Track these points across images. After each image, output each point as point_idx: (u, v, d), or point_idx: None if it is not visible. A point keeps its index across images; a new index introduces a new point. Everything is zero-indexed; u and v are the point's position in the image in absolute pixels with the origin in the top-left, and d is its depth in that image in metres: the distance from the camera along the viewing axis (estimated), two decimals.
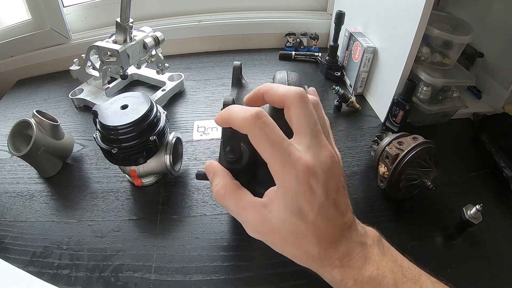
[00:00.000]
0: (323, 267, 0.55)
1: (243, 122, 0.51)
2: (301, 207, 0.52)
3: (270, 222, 0.52)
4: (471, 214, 0.80)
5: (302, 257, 0.55)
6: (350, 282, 0.54)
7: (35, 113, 0.94)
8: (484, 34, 1.26)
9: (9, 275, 0.60)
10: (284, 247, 0.54)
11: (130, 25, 1.10)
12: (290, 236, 0.53)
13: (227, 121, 0.54)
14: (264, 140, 0.50)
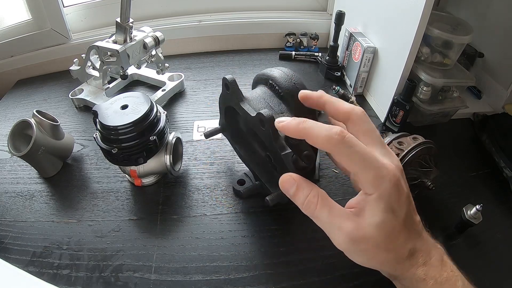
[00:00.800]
0: (409, 267, 0.60)
1: (328, 141, 0.56)
2: (393, 207, 0.58)
3: (364, 229, 0.57)
4: (471, 214, 0.80)
5: (392, 261, 0.60)
6: (431, 282, 0.59)
7: (35, 113, 0.94)
8: (484, 34, 1.26)
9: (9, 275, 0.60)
10: (376, 254, 0.59)
11: (130, 25, 1.10)
12: (384, 240, 0.58)
13: (304, 136, 0.58)
14: (355, 157, 0.56)
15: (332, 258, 0.79)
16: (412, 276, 0.60)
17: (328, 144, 0.56)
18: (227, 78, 0.77)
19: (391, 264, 0.61)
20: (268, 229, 0.86)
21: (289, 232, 0.86)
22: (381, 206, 0.57)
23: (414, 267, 0.60)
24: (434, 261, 0.61)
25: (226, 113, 0.89)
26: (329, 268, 0.78)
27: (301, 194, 0.61)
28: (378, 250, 0.59)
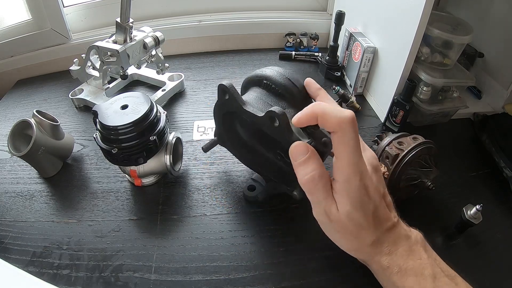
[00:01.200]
0: (374, 255, 0.66)
1: (341, 121, 0.60)
2: (362, 199, 0.63)
3: (336, 215, 0.64)
4: (471, 214, 0.80)
5: (357, 246, 0.67)
6: (395, 269, 0.64)
7: (35, 113, 0.94)
8: (484, 34, 1.26)
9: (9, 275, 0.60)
10: (345, 238, 0.67)
11: (130, 25, 1.10)
12: (352, 227, 0.64)
13: (320, 116, 0.62)
14: (351, 143, 0.61)
15: (332, 258, 0.79)
16: (377, 264, 0.66)
17: (339, 124, 0.60)
18: (225, 84, 0.77)
19: (356, 248, 0.68)
20: (268, 229, 0.86)
21: (289, 232, 0.86)
22: (349, 198, 0.63)
23: (378, 255, 0.66)
24: (401, 251, 0.66)
25: (223, 121, 0.88)
26: (329, 268, 0.78)
27: (309, 166, 0.64)
28: (345, 233, 0.66)
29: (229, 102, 0.78)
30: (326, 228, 0.69)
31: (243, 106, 0.75)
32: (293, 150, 0.65)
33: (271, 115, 0.68)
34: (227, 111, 0.83)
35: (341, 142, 0.61)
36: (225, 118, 0.87)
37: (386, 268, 0.64)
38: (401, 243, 0.66)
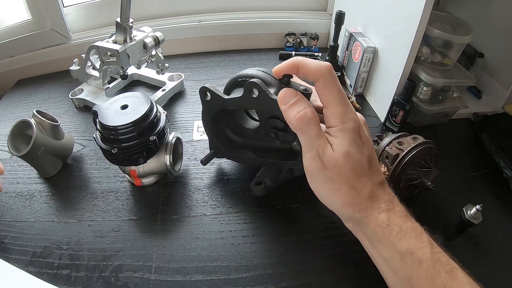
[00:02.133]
0: (372, 210, 0.65)
1: (319, 69, 0.64)
2: (357, 142, 0.65)
3: (333, 155, 0.63)
4: (471, 214, 0.80)
5: (353, 198, 0.65)
6: (395, 229, 0.63)
7: (35, 113, 0.94)
8: (484, 34, 1.26)
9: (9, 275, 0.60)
10: (339, 186, 0.65)
11: (130, 25, 1.10)
12: (349, 171, 0.64)
13: (299, 67, 0.66)
14: (336, 87, 0.65)
15: (331, 258, 0.79)
16: (375, 221, 0.64)
17: (318, 72, 0.64)
18: (205, 85, 0.81)
19: (352, 201, 0.66)
20: (268, 228, 0.86)
21: (288, 232, 0.86)
22: (347, 138, 0.64)
23: (377, 211, 0.65)
24: (398, 210, 0.66)
25: (214, 129, 0.90)
26: (329, 268, 0.78)
27: (300, 105, 0.66)
28: (342, 182, 0.64)
29: (212, 101, 0.82)
30: (318, 179, 0.67)
31: (224, 97, 0.78)
32: (282, 96, 0.67)
33: (249, 87, 0.71)
34: (214, 114, 0.85)
35: (327, 87, 0.65)
36: (214, 124, 0.89)
37: (385, 226, 0.63)
38: (396, 203, 0.67)
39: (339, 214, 0.70)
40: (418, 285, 0.59)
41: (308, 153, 0.66)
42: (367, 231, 0.66)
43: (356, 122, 0.67)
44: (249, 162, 0.92)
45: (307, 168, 0.67)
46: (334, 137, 0.65)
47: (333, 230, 0.85)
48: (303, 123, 0.65)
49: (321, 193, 0.69)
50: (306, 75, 0.66)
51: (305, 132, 0.65)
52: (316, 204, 0.71)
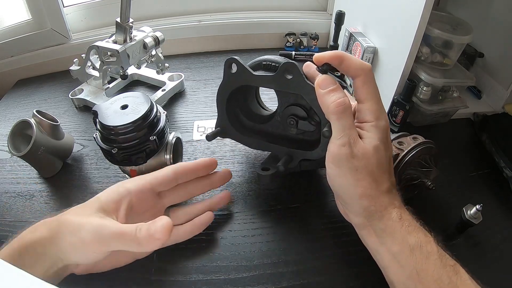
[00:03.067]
0: (387, 205, 0.67)
1: (362, 66, 0.69)
2: (385, 141, 0.69)
3: (364, 147, 0.66)
4: (471, 214, 0.80)
5: (374, 190, 0.67)
6: (406, 223, 0.65)
7: (35, 113, 0.95)
8: (484, 34, 1.26)
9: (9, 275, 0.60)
10: (364, 176, 0.66)
11: (130, 25, 1.10)
12: (375, 165, 0.67)
13: (343, 59, 0.68)
14: (374, 85, 0.71)
15: (332, 258, 0.79)
16: (389, 215, 0.66)
17: (361, 69, 0.68)
18: (234, 58, 0.80)
19: (372, 193, 0.67)
20: (268, 228, 0.86)
21: (289, 232, 0.86)
22: (378, 135, 0.68)
23: (391, 206, 0.67)
24: (408, 209, 0.69)
25: (227, 107, 0.89)
26: (329, 268, 0.78)
27: (339, 93, 0.68)
28: (366, 173, 0.66)
29: (238, 74, 0.81)
30: (343, 167, 0.67)
31: (252, 72, 0.78)
32: (321, 80, 0.69)
33: (286, 67, 0.72)
34: (234, 89, 0.84)
35: (367, 83, 0.69)
36: (229, 101, 0.88)
37: (398, 220, 0.65)
38: (403, 204, 0.70)
39: (353, 206, 0.70)
40: (425, 279, 0.60)
41: (339, 140, 0.67)
42: (379, 225, 0.67)
43: (387, 122, 0.71)
44: (259, 146, 0.92)
45: (334, 154, 0.68)
46: (367, 131, 0.68)
47: (333, 230, 0.85)
48: (340, 110, 0.66)
49: (341, 182, 0.70)
50: (348, 69, 0.69)
51: (341, 118, 0.67)
52: (316, 204, 0.71)
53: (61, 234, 0.65)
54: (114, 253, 0.68)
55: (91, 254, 0.66)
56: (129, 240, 0.63)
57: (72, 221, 0.67)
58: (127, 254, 0.74)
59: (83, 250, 0.65)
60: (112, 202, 0.71)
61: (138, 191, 0.75)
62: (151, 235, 0.62)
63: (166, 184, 0.80)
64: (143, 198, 0.76)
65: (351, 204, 0.71)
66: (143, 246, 0.62)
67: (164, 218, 0.64)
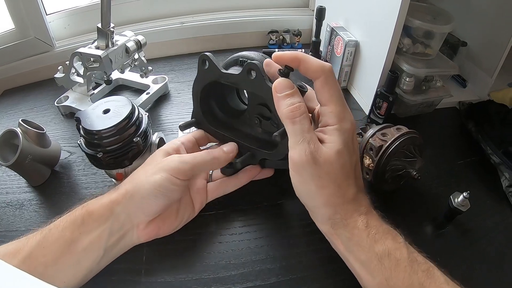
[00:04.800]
0: (352, 212, 0.66)
1: (322, 67, 0.66)
2: (349, 145, 0.67)
3: (326, 153, 0.64)
4: (459, 202, 0.80)
5: (338, 198, 0.66)
6: (373, 231, 0.64)
7: (20, 122, 0.95)
8: (466, 22, 1.27)
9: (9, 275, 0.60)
10: (327, 183, 0.65)
11: (111, 30, 1.10)
12: (339, 170, 0.65)
13: (301, 61, 0.67)
14: (336, 86, 0.67)
15: (319, 252, 0.79)
16: (354, 223, 0.65)
17: (320, 70, 0.66)
18: (206, 54, 0.80)
19: (336, 201, 0.66)
20: (255, 226, 0.87)
21: (275, 228, 0.87)
22: (341, 138, 0.66)
23: (357, 213, 0.66)
24: (375, 214, 0.68)
25: (201, 99, 0.91)
26: (316, 263, 0.78)
27: (295, 98, 0.66)
28: (329, 180, 0.65)
29: (209, 70, 0.81)
30: (305, 174, 0.65)
31: (222, 70, 0.78)
32: (278, 84, 0.67)
33: (249, 67, 0.71)
34: (206, 83, 0.85)
35: (327, 85, 0.66)
36: (203, 95, 0.90)
37: (363, 228, 0.64)
38: (371, 207, 0.69)
39: (318, 214, 0.71)
40: (396, 286, 0.60)
41: (298, 145, 0.65)
42: (344, 233, 0.66)
43: (353, 125, 0.69)
44: (225, 140, 0.90)
45: (295, 160, 0.65)
46: (329, 135, 0.66)
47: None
48: (296, 114, 0.65)
49: (304, 189, 0.68)
50: (307, 71, 0.67)
51: (296, 122, 0.65)
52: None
53: (135, 189, 0.72)
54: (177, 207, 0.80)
55: (173, 191, 0.73)
56: (206, 156, 0.77)
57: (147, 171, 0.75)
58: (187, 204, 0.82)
59: (168, 186, 0.71)
60: (174, 149, 0.81)
61: (187, 141, 0.86)
62: (225, 151, 0.80)
63: (204, 137, 0.92)
64: (192, 148, 0.86)
65: (316, 212, 0.71)
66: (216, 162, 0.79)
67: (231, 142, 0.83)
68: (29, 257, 0.64)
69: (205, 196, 0.85)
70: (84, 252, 0.67)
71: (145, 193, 0.70)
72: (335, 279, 0.75)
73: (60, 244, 0.66)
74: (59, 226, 0.68)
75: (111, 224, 0.69)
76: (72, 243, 0.66)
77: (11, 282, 0.42)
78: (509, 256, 0.82)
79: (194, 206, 0.83)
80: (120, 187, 0.74)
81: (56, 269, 0.65)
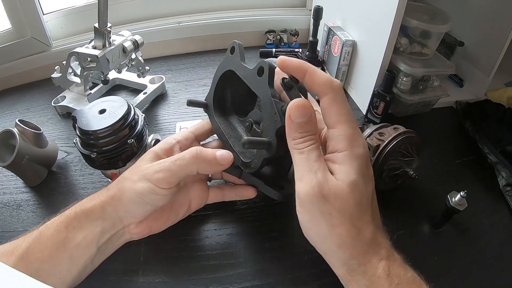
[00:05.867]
0: (372, 254, 0.57)
1: (330, 82, 0.59)
2: (364, 174, 0.58)
3: (336, 185, 0.56)
4: (456, 201, 0.80)
5: (355, 237, 0.57)
6: (395, 280, 0.55)
7: (17, 123, 0.95)
8: (463, 22, 1.27)
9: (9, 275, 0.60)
10: (339, 222, 0.56)
11: (108, 30, 1.11)
12: (353, 207, 0.56)
13: (307, 72, 0.60)
14: (346, 105, 0.59)
15: (317, 252, 0.79)
16: (374, 270, 0.56)
17: (328, 85, 0.59)
18: (236, 42, 0.77)
19: (351, 243, 0.57)
20: (253, 225, 0.87)
21: (273, 228, 0.86)
22: (354, 166, 0.57)
23: (376, 258, 0.57)
24: (397, 258, 0.59)
25: (220, 82, 0.85)
26: (314, 262, 0.77)
27: (308, 127, 0.59)
28: (342, 218, 0.56)
29: (232, 59, 0.78)
30: (313, 210, 0.57)
31: (241, 62, 0.75)
32: (295, 107, 0.58)
33: (261, 65, 0.67)
34: (227, 70, 0.81)
35: (336, 104, 0.59)
36: (222, 81, 0.85)
37: (385, 277, 0.55)
38: (393, 250, 0.60)
39: (332, 257, 0.62)
40: None
41: (304, 176, 0.57)
42: (363, 281, 0.57)
43: (366, 149, 0.61)
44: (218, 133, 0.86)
45: (301, 194, 0.58)
46: (340, 164, 0.58)
47: None
48: (303, 146, 0.59)
49: (314, 230, 0.60)
50: (312, 85, 0.60)
51: (305, 152, 0.59)
52: None
53: (121, 193, 0.69)
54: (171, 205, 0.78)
55: (157, 199, 0.70)
56: (189, 157, 0.69)
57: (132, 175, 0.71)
58: (183, 203, 0.80)
59: (150, 196, 0.68)
60: (165, 150, 0.77)
61: (184, 139, 0.81)
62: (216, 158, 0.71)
63: (204, 132, 0.86)
64: (189, 145, 0.80)
65: (329, 255, 0.62)
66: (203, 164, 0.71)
67: (228, 151, 0.73)
68: (26, 253, 0.64)
69: (205, 196, 0.83)
70: (77, 248, 0.67)
71: (129, 200, 0.68)
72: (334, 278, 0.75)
73: (55, 240, 0.66)
74: (55, 222, 0.68)
75: (103, 222, 0.69)
76: (66, 239, 0.66)
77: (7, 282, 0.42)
78: (506, 255, 0.82)
79: (191, 205, 0.81)
80: (110, 188, 0.72)
81: (52, 265, 0.64)
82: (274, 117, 0.63)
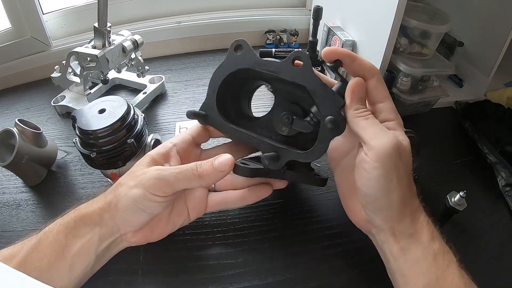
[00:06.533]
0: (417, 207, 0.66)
1: (374, 67, 0.69)
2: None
3: (403, 141, 0.64)
4: (455, 201, 0.81)
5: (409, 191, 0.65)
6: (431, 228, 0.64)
7: (17, 122, 0.95)
8: (463, 22, 1.27)
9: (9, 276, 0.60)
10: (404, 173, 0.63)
11: (108, 30, 1.11)
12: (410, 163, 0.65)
13: (356, 59, 0.68)
14: (385, 88, 0.70)
15: (317, 251, 0.79)
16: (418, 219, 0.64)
17: (374, 69, 0.68)
18: (242, 39, 0.77)
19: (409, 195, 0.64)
20: (252, 226, 0.87)
21: (273, 228, 0.86)
22: (403, 132, 0.66)
23: (420, 209, 0.66)
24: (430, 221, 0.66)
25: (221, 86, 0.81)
26: (314, 262, 0.78)
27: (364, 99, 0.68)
28: (405, 173, 0.63)
29: (243, 57, 0.77)
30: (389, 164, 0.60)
31: (258, 57, 0.75)
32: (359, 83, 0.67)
33: (296, 55, 0.71)
34: (235, 70, 0.78)
35: (381, 83, 0.69)
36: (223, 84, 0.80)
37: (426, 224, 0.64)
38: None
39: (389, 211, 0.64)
40: (444, 287, 0.59)
41: (382, 134, 0.62)
42: (408, 230, 0.63)
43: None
44: (245, 138, 0.79)
45: (380, 149, 0.60)
46: (394, 129, 0.65)
47: (317, 224, 0.86)
48: (368, 112, 0.65)
49: (382, 182, 0.61)
50: (360, 69, 0.68)
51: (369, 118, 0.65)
52: (299, 199, 0.71)
53: (117, 200, 0.68)
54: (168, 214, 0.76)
55: (152, 207, 0.69)
56: (191, 174, 0.68)
57: (128, 181, 0.70)
58: (181, 212, 0.78)
59: (144, 203, 0.67)
60: (162, 154, 0.75)
61: (181, 142, 0.80)
62: (215, 168, 0.68)
63: (202, 134, 0.85)
64: (187, 148, 0.80)
65: (385, 209, 0.64)
66: (205, 180, 0.69)
67: (226, 154, 0.71)
68: (24, 262, 0.64)
69: (204, 206, 0.81)
70: (76, 256, 0.67)
71: (125, 207, 0.68)
72: (334, 278, 0.75)
73: (54, 249, 0.66)
74: (53, 230, 0.68)
75: (101, 230, 0.69)
76: (65, 247, 0.66)
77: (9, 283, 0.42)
78: (506, 255, 0.82)
79: (189, 214, 0.79)
80: (107, 194, 0.72)
81: (51, 274, 0.65)
82: (334, 98, 0.67)
